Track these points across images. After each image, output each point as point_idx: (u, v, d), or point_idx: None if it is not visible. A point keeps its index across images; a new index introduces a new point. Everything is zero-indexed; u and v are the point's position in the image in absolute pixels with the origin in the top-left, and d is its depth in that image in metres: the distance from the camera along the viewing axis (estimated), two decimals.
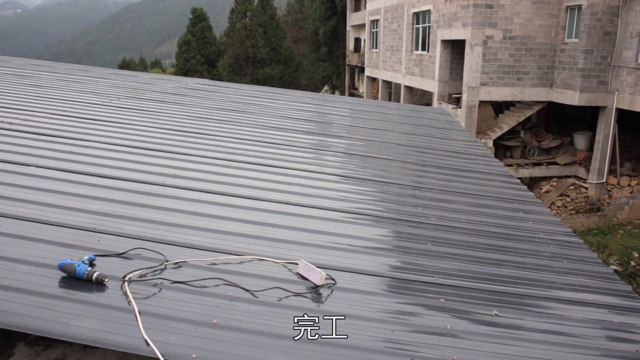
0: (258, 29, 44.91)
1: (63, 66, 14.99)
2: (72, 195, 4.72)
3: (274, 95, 12.52)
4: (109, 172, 5.44)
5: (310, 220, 4.70)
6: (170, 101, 10.13)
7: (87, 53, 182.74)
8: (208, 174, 5.67)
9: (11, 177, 5.04)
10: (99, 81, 12.08)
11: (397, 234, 4.75)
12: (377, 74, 32.59)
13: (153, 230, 4.12)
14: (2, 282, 3.18)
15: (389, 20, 29.63)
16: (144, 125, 7.76)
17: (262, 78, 44.08)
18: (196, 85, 13.04)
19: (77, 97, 9.64)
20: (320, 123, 9.66)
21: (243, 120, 8.84)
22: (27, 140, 6.39)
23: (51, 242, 3.78)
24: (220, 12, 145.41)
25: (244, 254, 3.82)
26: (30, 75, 12.03)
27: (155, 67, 65.01)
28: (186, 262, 3.61)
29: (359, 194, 5.70)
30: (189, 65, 47.73)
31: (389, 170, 6.87)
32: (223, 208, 4.75)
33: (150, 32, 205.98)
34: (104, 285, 3.23)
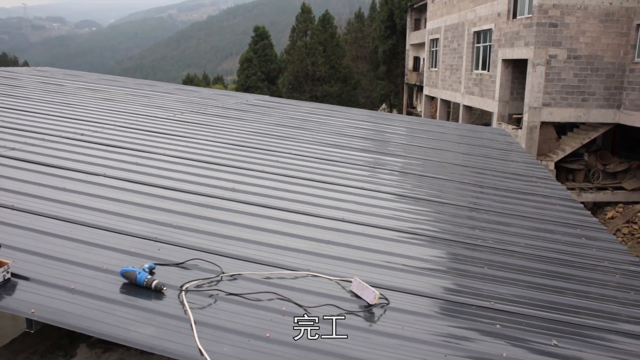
0: (318, 47, 45.48)
1: (132, 81, 15.69)
2: (136, 205, 4.93)
3: (332, 113, 12.62)
4: (171, 183, 5.65)
5: (365, 238, 4.70)
6: (231, 116, 10.41)
7: (154, 69, 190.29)
8: (266, 189, 5.78)
9: (81, 186, 5.31)
10: (165, 96, 12.56)
11: (453, 255, 4.67)
12: (436, 93, 32.30)
13: (211, 242, 4.23)
14: (70, 285, 3.35)
15: (449, 39, 29.39)
16: (206, 139, 8.01)
17: (320, 95, 44.49)
18: (256, 101, 13.33)
19: (144, 110, 10.07)
20: (377, 141, 9.66)
21: (301, 137, 8.96)
22: (96, 150, 6.73)
23: (115, 249, 3.95)
24: (281, 31, 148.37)
25: (299, 269, 3.87)
26: (102, 89, 12.67)
27: (218, 83, 66.80)
28: (241, 274, 3.69)
29: (414, 214, 5.65)
30: (250, 82, 48.79)
31: (445, 190, 6.78)
32: (279, 223, 4.82)
33: (214, 49, 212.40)
34: (162, 293, 3.35)
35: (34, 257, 3.72)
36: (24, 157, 6.15)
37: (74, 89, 12.26)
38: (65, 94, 11.36)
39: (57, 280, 3.41)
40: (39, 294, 3.25)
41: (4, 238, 3.91)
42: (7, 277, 3.37)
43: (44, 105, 9.65)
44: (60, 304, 3.15)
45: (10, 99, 10.09)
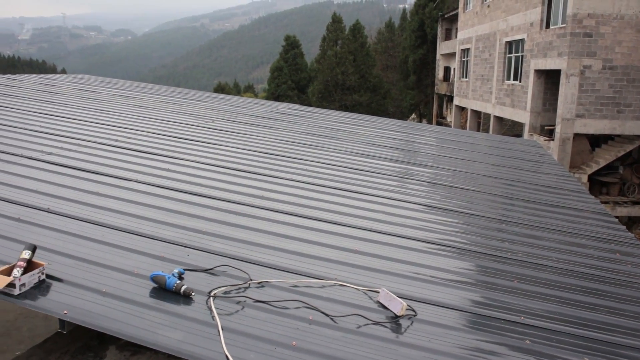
0: (348, 56, 45.62)
1: (164, 89, 15.98)
2: (167, 210, 5.01)
3: (362, 122, 12.63)
4: (201, 190, 5.73)
5: (393, 249, 4.68)
6: (262, 124, 10.50)
7: (186, 77, 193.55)
8: (294, 197, 5.81)
9: (114, 191, 5.43)
10: (196, 103, 12.76)
11: (482, 268, 4.61)
12: (466, 103, 32.01)
13: (239, 249, 4.27)
14: (101, 288, 3.42)
15: (480, 49, 29.14)
16: (236, 147, 8.10)
17: (350, 104, 44.56)
18: (286, 110, 13.42)
19: (175, 118, 10.24)
20: (406, 151, 9.62)
21: (330, 146, 8.99)
22: (129, 156, 6.87)
23: (145, 254, 4.02)
24: (312, 40, 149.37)
25: (326, 278, 3.87)
26: (136, 96, 12.93)
27: (248, 92, 67.52)
28: (269, 282, 3.71)
29: (443, 225, 5.61)
30: (280, 90, 49.20)
31: (475, 202, 6.71)
32: (307, 231, 4.84)
33: (245, 58, 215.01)
34: (190, 298, 3.39)
35: (68, 260, 3.81)
36: (60, 161, 6.32)
37: (109, 96, 12.54)
38: (100, 101, 11.63)
39: (89, 283, 3.48)
40: (72, 295, 3.33)
41: (40, 240, 4.02)
42: (42, 278, 3.46)
43: (80, 112, 9.91)
44: (91, 306, 3.22)
45: (49, 105, 10.39)
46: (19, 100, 10.68)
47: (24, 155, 6.44)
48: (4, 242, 4.01)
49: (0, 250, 3.85)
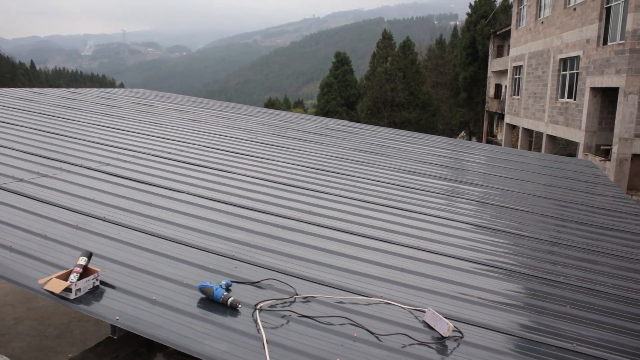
0: (398, 73, 45.56)
1: (217, 103, 16.37)
2: (217, 222, 5.12)
3: (410, 139, 12.56)
4: (250, 203, 5.82)
5: (440, 268, 4.62)
6: (311, 140, 10.60)
7: (238, 92, 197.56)
8: (342, 213, 5.83)
9: (167, 202, 5.59)
10: (247, 118, 13.00)
11: (532, 291, 4.48)
12: (518, 121, 31.33)
13: (286, 263, 4.31)
14: (151, 296, 3.52)
15: (532, 67, 28.55)
16: (285, 161, 8.20)
17: (399, 121, 44.39)
18: (335, 125, 13.50)
19: (227, 132, 10.47)
20: (455, 169, 9.49)
21: (379, 163, 8.98)
22: (182, 169, 7.07)
23: (195, 265, 4.11)
24: (362, 57, 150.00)
25: (372, 295, 3.85)
26: (189, 110, 13.30)
27: (298, 107, 68.24)
28: (315, 297, 3.72)
29: (491, 245, 5.49)
30: (330, 106, 49.52)
31: (525, 222, 6.54)
32: (354, 248, 4.84)
33: (296, 74, 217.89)
34: (237, 310, 3.44)
35: (121, 267, 3.94)
36: (117, 172, 6.56)
37: (164, 110, 12.95)
38: (155, 114, 12.03)
39: (140, 291, 3.59)
40: (123, 302, 3.43)
41: (95, 247, 4.17)
42: (97, 285, 3.59)
43: (136, 125, 10.27)
44: (141, 314, 3.31)
45: (108, 118, 10.82)
46: (80, 112, 11.17)
47: (83, 166, 6.73)
48: (63, 248, 4.18)
49: (59, 256, 4.02)
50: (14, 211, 4.91)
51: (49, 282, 3.47)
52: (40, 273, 3.70)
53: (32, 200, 5.27)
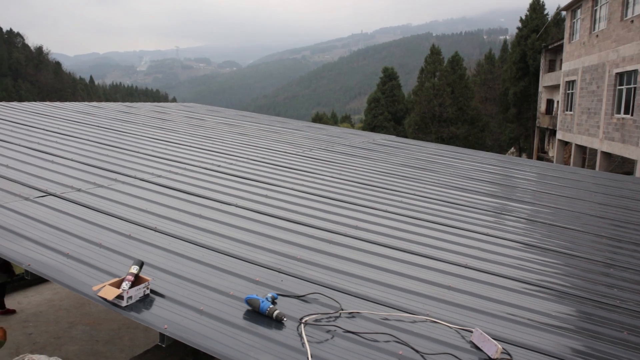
0: (446, 88, 45.12)
1: (265, 118, 16.62)
2: (264, 235, 5.18)
3: (458, 155, 12.39)
4: (297, 217, 5.87)
5: (488, 287, 4.52)
6: (358, 155, 10.61)
7: (286, 106, 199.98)
8: (388, 229, 5.79)
9: (215, 214, 5.70)
10: (295, 132, 13.14)
11: (585, 315, 4.32)
12: (570, 137, 30.42)
13: (332, 277, 4.32)
14: (199, 306, 3.59)
15: (586, 81, 27.71)
16: (332, 176, 8.24)
17: (446, 137, 43.87)
18: (383, 140, 13.47)
19: (275, 145, 10.61)
20: (504, 186, 9.29)
21: (426, 178, 8.89)
22: (230, 182, 7.21)
23: (241, 277, 4.17)
24: (410, 72, 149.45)
25: (418, 313, 3.80)
26: (238, 124, 13.56)
27: (345, 122, 68.45)
28: (360, 313, 3.70)
29: (541, 265, 5.33)
30: (377, 121, 49.47)
31: (578, 242, 6.32)
32: (400, 264, 4.80)
33: (343, 89, 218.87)
34: (282, 323, 3.46)
35: (170, 277, 4.03)
36: (168, 184, 6.75)
37: (214, 124, 13.25)
38: (206, 128, 12.32)
39: (188, 301, 3.66)
40: (172, 311, 3.51)
41: (147, 257, 4.30)
42: (147, 293, 3.69)
43: (187, 138, 10.55)
44: (189, 323, 3.37)
45: (161, 131, 11.16)
46: (135, 126, 11.57)
47: (137, 177, 6.95)
48: (116, 257, 4.32)
49: (112, 264, 4.16)
50: (72, 219, 5.11)
51: (102, 289, 3.60)
52: (95, 280, 3.84)
53: (89, 209, 5.49)
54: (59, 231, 4.78)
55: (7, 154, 7.58)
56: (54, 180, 6.46)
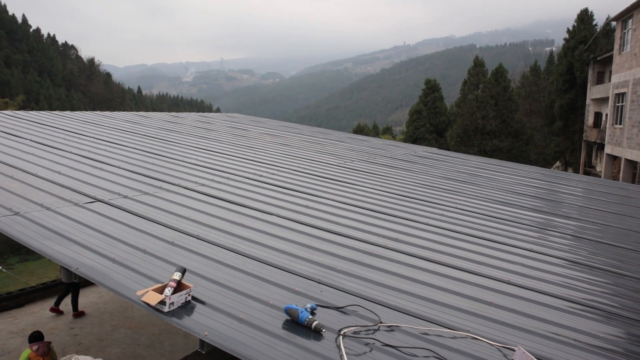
0: (489, 100, 44.40)
1: (307, 128, 16.74)
2: (304, 246, 5.21)
3: (501, 169, 12.17)
4: (337, 228, 5.88)
5: (531, 305, 4.40)
6: (399, 167, 10.56)
7: (328, 117, 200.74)
8: (429, 242, 5.74)
9: (256, 223, 5.77)
10: (336, 143, 13.18)
11: (635, 337, 4.15)
12: (620, 152, 29.43)
13: (371, 289, 4.30)
14: (239, 315, 3.63)
15: (638, 94, 26.81)
16: (373, 187, 8.22)
17: (489, 150, 43.12)
18: (424, 153, 13.36)
19: (316, 156, 10.67)
20: (549, 201, 9.06)
21: (468, 192, 8.77)
22: (272, 191, 7.28)
23: (281, 286, 4.20)
24: (452, 84, 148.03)
25: (458, 329, 3.74)
26: (280, 135, 13.70)
27: (386, 134, 68.23)
28: (399, 326, 3.67)
29: (588, 284, 5.16)
30: (418, 133, 49.09)
31: (627, 261, 6.10)
32: (440, 278, 4.74)
33: (385, 101, 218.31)
34: (321, 334, 3.46)
35: (211, 284, 4.10)
36: (211, 192, 6.88)
37: (257, 134, 13.43)
38: (249, 138, 12.50)
39: (229, 309, 3.71)
40: (212, 318, 3.57)
41: (189, 264, 4.38)
42: (189, 299, 3.76)
43: (230, 147, 10.72)
44: (229, 331, 3.41)
45: (205, 140, 11.38)
46: (180, 135, 11.84)
47: (181, 185, 7.11)
48: (159, 263, 4.43)
49: (155, 270, 4.26)
50: (119, 225, 5.27)
51: (146, 294, 3.68)
52: (138, 285, 3.94)
53: (134, 216, 5.64)
54: (106, 236, 4.93)
55: (60, 161, 7.88)
56: (102, 187, 6.67)
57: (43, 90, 74.30)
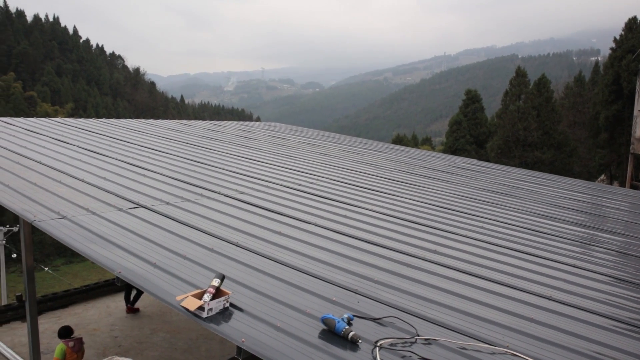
0: (532, 111, 43.51)
1: (346, 138, 16.76)
2: (341, 255, 5.21)
3: (543, 181, 11.90)
4: (375, 239, 5.86)
5: (574, 322, 4.28)
6: (438, 178, 10.46)
7: (367, 127, 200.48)
8: (468, 255, 5.65)
9: (295, 232, 5.81)
10: (375, 154, 13.16)
11: None
12: None
13: (409, 301, 4.26)
14: (276, 323, 3.65)
15: None
16: (412, 198, 8.16)
17: (531, 162, 42.21)
18: (464, 164, 13.20)
19: (355, 166, 10.67)
20: (593, 215, 8.81)
21: (509, 204, 8.61)
22: (311, 200, 7.32)
23: (318, 295, 4.21)
24: (493, 94, 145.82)
25: (497, 345, 3.67)
26: (320, 144, 13.77)
27: (425, 144, 67.71)
28: (436, 340, 3.62)
29: (634, 302, 4.98)
30: (458, 144, 48.50)
31: None
32: (479, 292, 4.66)
33: (424, 111, 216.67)
34: (357, 345, 3.44)
35: (249, 292, 4.14)
36: (251, 200, 6.96)
37: (296, 143, 13.53)
38: (288, 147, 12.60)
39: (266, 316, 3.74)
40: (249, 325, 3.60)
41: (228, 271, 4.44)
42: (227, 306, 3.80)
43: (270, 156, 10.84)
44: (265, 339, 3.44)
45: (245, 149, 11.54)
46: (221, 143, 12.04)
47: (221, 193, 7.22)
48: (199, 269, 4.50)
49: (195, 275, 4.34)
50: (160, 231, 5.39)
51: (185, 300, 3.75)
52: (178, 290, 4.01)
53: (175, 222, 5.76)
54: (148, 241, 5.04)
55: (105, 167, 8.12)
56: (145, 193, 6.84)
57: (91, 98, 76.87)
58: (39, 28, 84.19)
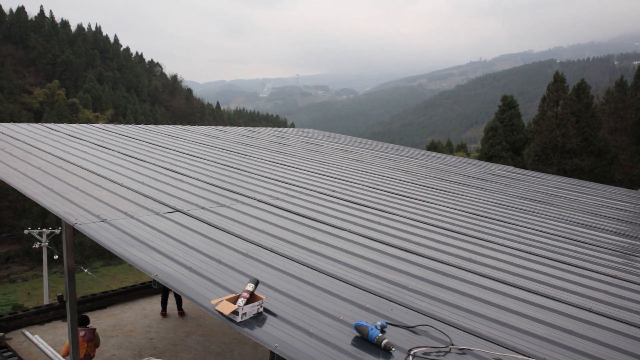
0: (570, 117, 42.52)
1: (380, 145, 16.71)
2: (375, 262, 5.19)
3: (583, 189, 11.62)
4: (409, 246, 5.82)
5: (615, 336, 4.15)
6: (473, 185, 10.32)
7: (401, 134, 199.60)
8: (504, 263, 5.56)
9: (328, 238, 5.82)
10: (409, 160, 13.08)
11: None
12: None
13: (443, 310, 4.21)
14: (309, 328, 3.66)
15: None
16: (446, 206, 8.08)
17: (569, 169, 41.22)
18: (500, 171, 13.00)
19: (389, 173, 10.63)
20: (635, 225, 8.54)
21: (546, 212, 8.43)
22: (344, 207, 7.32)
23: (351, 302, 4.20)
24: (530, 100, 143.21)
25: (534, 356, 3.59)
26: (353, 150, 13.77)
27: (460, 151, 66.94)
28: (471, 350, 3.57)
29: None
30: (494, 151, 47.77)
31: None
32: (516, 302, 4.57)
33: (460, 117, 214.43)
34: (390, 353, 3.41)
35: (283, 297, 4.16)
36: (285, 206, 7.01)
37: (330, 149, 13.56)
38: (322, 153, 12.64)
39: (299, 322, 3.75)
40: (283, 330, 3.61)
41: (262, 276, 4.47)
42: (260, 311, 3.83)
43: (304, 162, 10.89)
44: (298, 344, 3.45)
45: (280, 155, 11.63)
46: (256, 149, 12.16)
47: (256, 198, 7.29)
48: (233, 274, 4.55)
49: (229, 280, 4.38)
50: (196, 235, 5.47)
51: (220, 304, 3.79)
52: (213, 294, 4.06)
53: (211, 227, 5.84)
54: (184, 245, 5.13)
55: (143, 172, 8.30)
56: (181, 197, 6.96)
57: (130, 104, 78.83)
58: (82, 37, 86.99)
